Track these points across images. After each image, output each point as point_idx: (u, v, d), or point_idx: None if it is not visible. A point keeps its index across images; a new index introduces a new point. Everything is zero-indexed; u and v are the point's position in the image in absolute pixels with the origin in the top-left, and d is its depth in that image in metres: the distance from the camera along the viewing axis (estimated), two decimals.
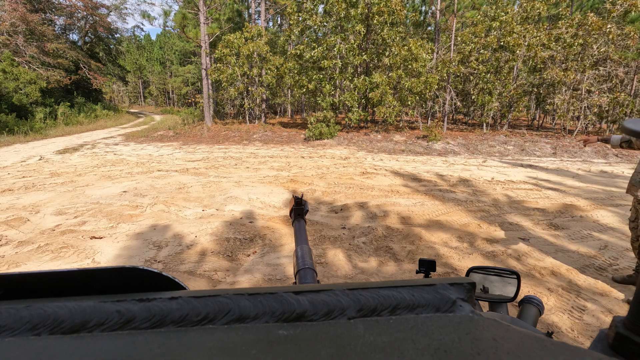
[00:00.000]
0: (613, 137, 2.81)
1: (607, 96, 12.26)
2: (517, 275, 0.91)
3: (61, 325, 0.24)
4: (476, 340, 0.23)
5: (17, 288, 0.28)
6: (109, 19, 28.15)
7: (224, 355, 0.21)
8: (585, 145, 3.01)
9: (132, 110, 39.16)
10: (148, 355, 0.21)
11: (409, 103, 13.25)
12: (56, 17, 24.83)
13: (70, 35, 27.94)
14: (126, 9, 44.53)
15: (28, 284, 0.29)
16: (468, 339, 0.23)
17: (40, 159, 9.10)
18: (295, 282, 0.68)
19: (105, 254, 3.43)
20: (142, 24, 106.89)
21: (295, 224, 0.87)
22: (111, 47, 30.70)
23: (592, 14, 12.51)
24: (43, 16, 22.47)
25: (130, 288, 0.30)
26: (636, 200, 2.65)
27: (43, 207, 4.90)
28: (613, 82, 12.94)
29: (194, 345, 0.22)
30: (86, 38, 27.78)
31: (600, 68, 12.83)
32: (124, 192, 5.72)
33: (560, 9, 16.37)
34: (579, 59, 12.77)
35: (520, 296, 1.39)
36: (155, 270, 0.32)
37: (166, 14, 21.85)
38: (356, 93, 13.61)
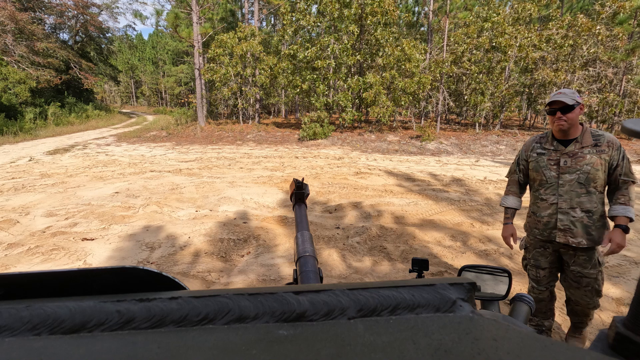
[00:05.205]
0: (504, 200, 2.30)
1: (597, 96, 12.45)
2: (508, 274, 0.92)
3: (61, 325, 0.24)
4: (476, 340, 0.23)
5: (17, 288, 0.28)
6: (100, 18, 27.82)
7: (224, 355, 0.21)
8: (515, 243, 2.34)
9: (124, 111, 38.74)
10: (148, 355, 0.21)
11: (403, 103, 13.31)
12: (46, 15, 24.46)
13: (61, 34, 27.54)
14: (118, 8, 44.12)
15: (28, 284, 0.29)
16: (468, 339, 0.23)
17: (30, 160, 8.96)
18: (295, 269, 0.67)
19: (97, 256, 3.40)
20: (134, 24, 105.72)
21: (296, 208, 0.86)
22: (102, 46, 30.32)
23: (581, 15, 12.71)
24: (32, 15, 22.11)
25: (130, 288, 0.30)
26: (560, 246, 2.07)
27: (33, 208, 4.83)
28: (602, 82, 13.15)
29: (194, 345, 0.22)
30: (77, 37, 27.41)
31: (590, 69, 13.04)
32: (116, 193, 5.66)
33: (550, 11, 16.59)
34: (569, 59, 12.96)
35: (512, 294, 1.41)
36: (155, 271, 0.32)
37: (158, 13, 21.70)
38: (350, 93, 13.64)
